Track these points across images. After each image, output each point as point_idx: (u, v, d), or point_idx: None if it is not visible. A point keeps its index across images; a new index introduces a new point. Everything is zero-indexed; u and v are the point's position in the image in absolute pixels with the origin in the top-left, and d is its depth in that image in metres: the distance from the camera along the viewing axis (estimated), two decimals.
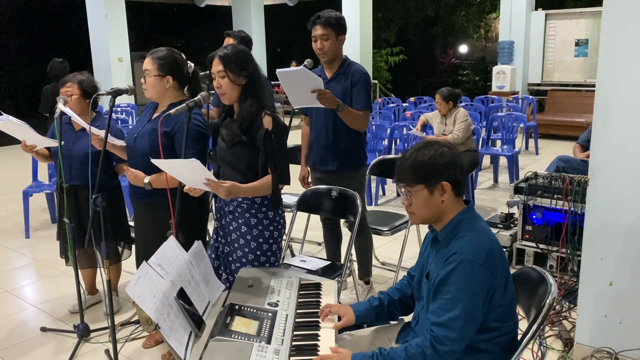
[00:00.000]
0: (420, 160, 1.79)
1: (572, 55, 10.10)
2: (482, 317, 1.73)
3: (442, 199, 1.80)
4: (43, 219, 5.61)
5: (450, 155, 1.80)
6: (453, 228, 1.81)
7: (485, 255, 1.71)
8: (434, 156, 1.78)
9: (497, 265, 1.74)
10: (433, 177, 1.78)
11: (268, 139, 2.39)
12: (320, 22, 3.13)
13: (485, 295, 1.71)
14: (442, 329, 1.70)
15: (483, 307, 1.72)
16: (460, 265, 1.70)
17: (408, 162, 1.81)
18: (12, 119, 2.86)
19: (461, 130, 5.08)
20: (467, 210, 1.85)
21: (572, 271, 3.57)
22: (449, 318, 1.70)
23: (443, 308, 1.72)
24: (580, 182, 3.50)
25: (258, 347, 1.79)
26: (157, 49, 2.71)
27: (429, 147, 1.81)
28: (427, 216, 1.85)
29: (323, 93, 2.94)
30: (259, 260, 2.51)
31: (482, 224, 1.84)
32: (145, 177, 2.62)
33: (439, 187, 1.79)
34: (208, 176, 2.20)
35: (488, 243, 1.75)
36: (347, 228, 3.41)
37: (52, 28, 16.72)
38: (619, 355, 2.69)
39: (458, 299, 1.69)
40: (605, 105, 2.55)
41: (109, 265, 2.73)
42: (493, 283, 1.72)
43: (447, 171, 1.78)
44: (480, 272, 1.69)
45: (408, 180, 1.81)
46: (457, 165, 1.81)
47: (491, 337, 1.79)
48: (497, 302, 1.75)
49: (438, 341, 1.70)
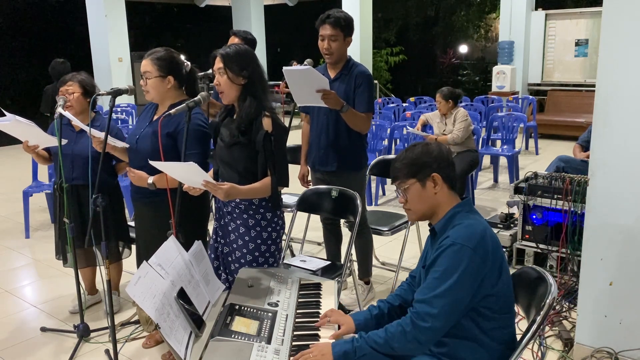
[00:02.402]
0: (410, 156, 1.91)
1: (572, 55, 10.10)
2: (467, 301, 1.76)
3: (434, 191, 1.88)
4: (43, 219, 5.61)
5: (438, 150, 1.91)
6: (448, 219, 1.88)
7: (477, 242, 1.76)
8: (422, 152, 1.90)
9: (489, 253, 1.77)
10: (422, 169, 1.88)
11: (268, 141, 2.38)
12: (330, 22, 3.09)
13: (472, 279, 1.74)
14: (424, 305, 1.76)
15: (469, 291, 1.75)
16: (449, 248, 1.76)
17: (400, 161, 1.92)
18: (18, 118, 2.84)
19: (461, 130, 5.08)
20: (463, 203, 1.91)
21: (572, 271, 3.56)
22: (432, 295, 1.75)
23: (428, 287, 1.78)
24: (580, 182, 3.50)
25: (258, 347, 1.79)
26: (154, 49, 2.70)
27: (417, 146, 1.94)
28: (423, 211, 1.92)
29: (328, 93, 2.93)
30: (258, 261, 2.51)
31: (476, 216, 1.89)
32: (149, 178, 2.62)
33: (430, 179, 1.87)
34: (206, 178, 2.20)
35: (481, 231, 1.80)
36: (347, 228, 3.41)
37: (52, 28, 16.72)
38: (619, 355, 2.69)
39: (444, 279, 1.74)
40: (605, 105, 2.55)
41: (109, 264, 2.74)
42: (482, 270, 1.76)
43: (435, 163, 1.88)
44: (468, 255, 1.74)
45: (400, 176, 1.91)
46: (444, 158, 1.90)
47: (487, 328, 1.81)
48: (488, 290, 1.78)
49: (418, 317, 1.75)
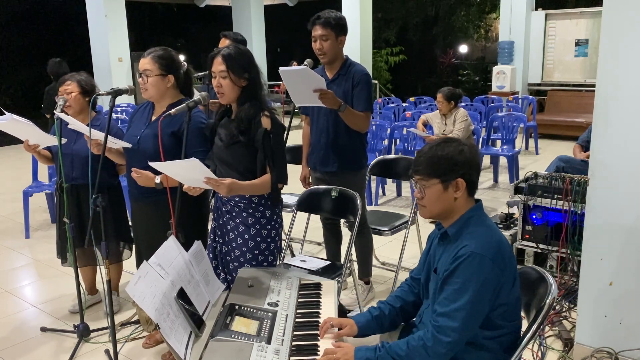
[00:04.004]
0: (439, 154, 1.79)
1: (572, 55, 10.10)
2: (486, 311, 1.73)
3: (455, 195, 1.80)
4: (43, 219, 5.61)
5: (470, 153, 1.80)
6: (463, 224, 1.82)
7: (495, 251, 1.72)
8: (453, 152, 1.78)
9: (506, 262, 1.74)
10: (449, 172, 1.78)
11: (267, 138, 2.39)
12: (320, 23, 3.12)
13: (491, 290, 1.71)
14: (445, 319, 1.71)
15: (489, 302, 1.72)
16: (469, 258, 1.70)
17: (427, 155, 1.81)
18: (16, 117, 2.84)
19: (461, 130, 5.09)
20: (477, 207, 1.86)
21: (572, 271, 3.56)
22: (453, 308, 1.70)
23: (449, 298, 1.72)
24: (580, 182, 3.50)
25: (258, 347, 1.79)
26: (154, 48, 2.70)
27: (449, 143, 1.81)
28: (438, 211, 1.85)
29: (325, 93, 2.93)
30: (257, 260, 2.51)
31: (490, 222, 1.85)
32: (156, 177, 2.60)
33: (453, 184, 1.79)
34: (208, 175, 2.20)
35: (498, 240, 1.76)
36: (347, 228, 3.41)
37: (52, 28, 16.73)
38: (619, 355, 2.69)
39: (464, 290, 1.70)
40: (605, 105, 2.55)
41: (109, 264, 2.73)
42: (500, 279, 1.73)
43: (464, 168, 1.78)
44: (488, 266, 1.70)
45: (423, 173, 1.81)
46: (474, 164, 1.81)
47: (494, 335, 1.79)
48: (503, 299, 1.75)
49: (440, 331, 1.71)
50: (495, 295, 1.73)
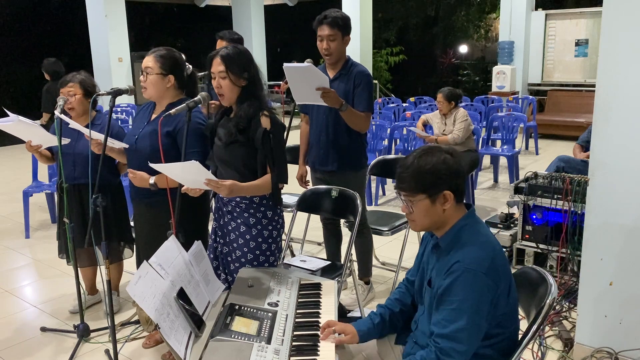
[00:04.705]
0: (424, 168, 1.73)
1: (572, 55, 10.10)
2: (486, 327, 1.71)
3: (443, 207, 1.77)
4: (43, 219, 5.61)
5: (453, 162, 1.75)
6: (455, 235, 1.78)
7: (488, 265, 1.68)
8: (437, 164, 1.73)
9: (500, 273, 1.71)
10: (435, 186, 1.74)
11: (267, 138, 2.39)
12: (328, 22, 3.10)
13: (489, 304, 1.69)
14: (448, 341, 1.67)
15: (487, 317, 1.70)
16: (463, 275, 1.67)
17: (409, 170, 1.76)
18: (22, 119, 2.83)
19: (461, 130, 5.08)
20: (469, 215, 1.82)
21: (572, 271, 3.56)
22: (454, 329, 1.67)
23: (447, 319, 1.69)
24: (580, 182, 3.50)
25: (258, 347, 1.79)
26: (158, 48, 2.71)
27: (431, 154, 1.76)
28: (429, 224, 1.82)
29: (327, 91, 2.93)
30: (258, 260, 2.51)
31: (483, 229, 1.82)
32: (150, 178, 2.61)
33: (440, 197, 1.75)
34: (208, 176, 2.20)
35: (491, 251, 1.73)
36: (347, 228, 3.41)
37: (52, 28, 16.72)
38: (619, 355, 2.69)
39: (462, 310, 1.66)
40: (605, 105, 2.55)
41: (109, 264, 2.73)
42: (496, 292, 1.70)
43: (449, 180, 1.74)
44: (483, 282, 1.67)
45: (409, 189, 1.76)
46: (459, 173, 1.76)
47: (491, 343, 1.78)
48: (501, 310, 1.73)
49: (444, 353, 1.67)
50: (494, 307, 1.71)
